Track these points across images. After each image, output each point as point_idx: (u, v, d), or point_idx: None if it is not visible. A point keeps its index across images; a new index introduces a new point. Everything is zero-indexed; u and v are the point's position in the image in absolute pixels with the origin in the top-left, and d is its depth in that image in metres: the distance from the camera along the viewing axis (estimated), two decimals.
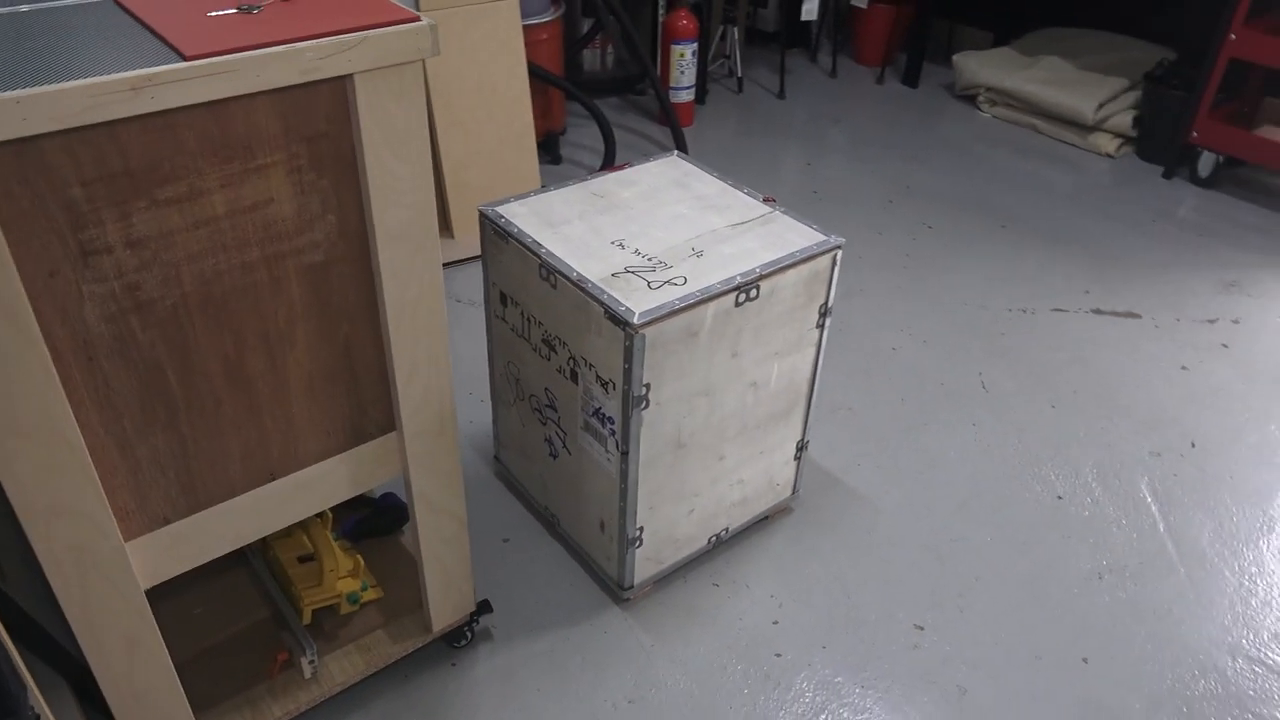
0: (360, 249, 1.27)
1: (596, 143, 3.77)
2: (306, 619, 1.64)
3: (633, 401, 1.60)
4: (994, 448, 2.33)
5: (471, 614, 1.76)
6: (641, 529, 1.80)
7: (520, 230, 1.74)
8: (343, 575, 1.68)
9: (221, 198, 1.12)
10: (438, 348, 1.40)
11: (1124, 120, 3.71)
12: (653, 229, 1.77)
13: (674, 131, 3.62)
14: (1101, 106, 3.72)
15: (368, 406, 1.40)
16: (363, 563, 1.74)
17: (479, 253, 2.86)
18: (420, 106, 1.20)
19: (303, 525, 1.73)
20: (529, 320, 1.79)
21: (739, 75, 4.32)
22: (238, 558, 1.81)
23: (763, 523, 2.09)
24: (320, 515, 1.75)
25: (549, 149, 3.58)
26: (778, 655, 1.82)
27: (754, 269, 1.65)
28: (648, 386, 1.60)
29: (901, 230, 3.26)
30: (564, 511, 1.97)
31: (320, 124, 1.15)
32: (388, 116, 1.18)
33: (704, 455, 1.80)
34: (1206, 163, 3.49)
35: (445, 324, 1.39)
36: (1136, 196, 3.52)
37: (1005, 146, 3.89)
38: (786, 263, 1.68)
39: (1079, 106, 3.75)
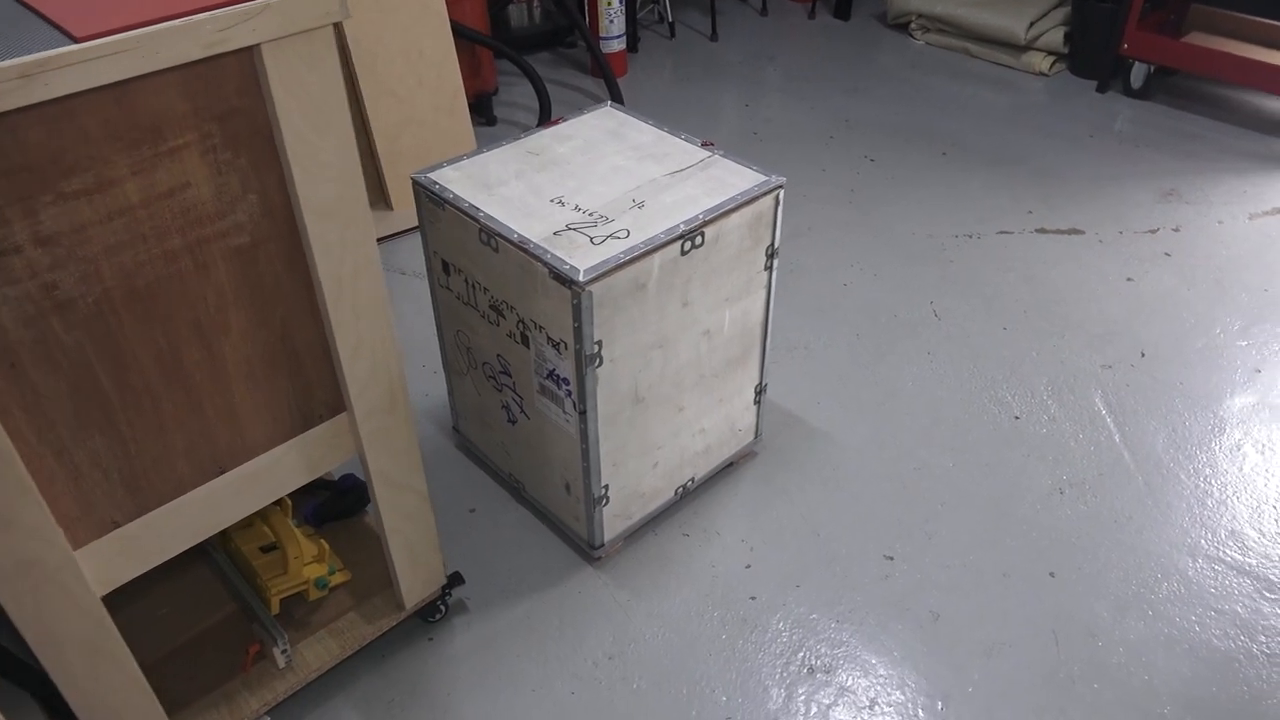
0: (288, 228, 1.22)
1: (531, 100, 3.69)
2: (275, 608, 1.62)
3: (586, 360, 1.58)
4: (950, 374, 2.35)
5: (443, 587, 1.75)
6: (607, 487, 1.79)
7: (456, 195, 1.70)
8: (308, 561, 1.66)
9: (134, 185, 1.07)
10: (381, 323, 1.36)
11: (1055, 37, 3.71)
12: (592, 183, 1.73)
13: (608, 82, 3.55)
14: (1032, 25, 3.71)
15: (314, 389, 1.36)
16: (328, 547, 1.71)
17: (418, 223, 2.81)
18: (336, 74, 1.15)
19: (262, 515, 1.70)
20: (474, 287, 1.76)
21: (670, 20, 4.25)
22: (199, 554, 1.78)
23: (729, 469, 2.09)
24: (279, 503, 1.72)
25: (482, 111, 3.50)
26: (753, 598, 1.83)
27: (697, 216, 1.63)
28: (599, 344, 1.58)
29: (844, 165, 3.25)
30: (528, 476, 1.95)
31: (232, 100, 1.10)
32: (302, 87, 1.13)
33: (663, 408, 1.79)
34: (1138, 74, 3.51)
35: (386, 298, 1.35)
36: (1073, 113, 3.53)
37: (941, 73, 3.88)
38: (729, 206, 1.66)
39: (1010, 26, 3.74)
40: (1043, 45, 3.75)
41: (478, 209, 1.66)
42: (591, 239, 1.58)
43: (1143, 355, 2.40)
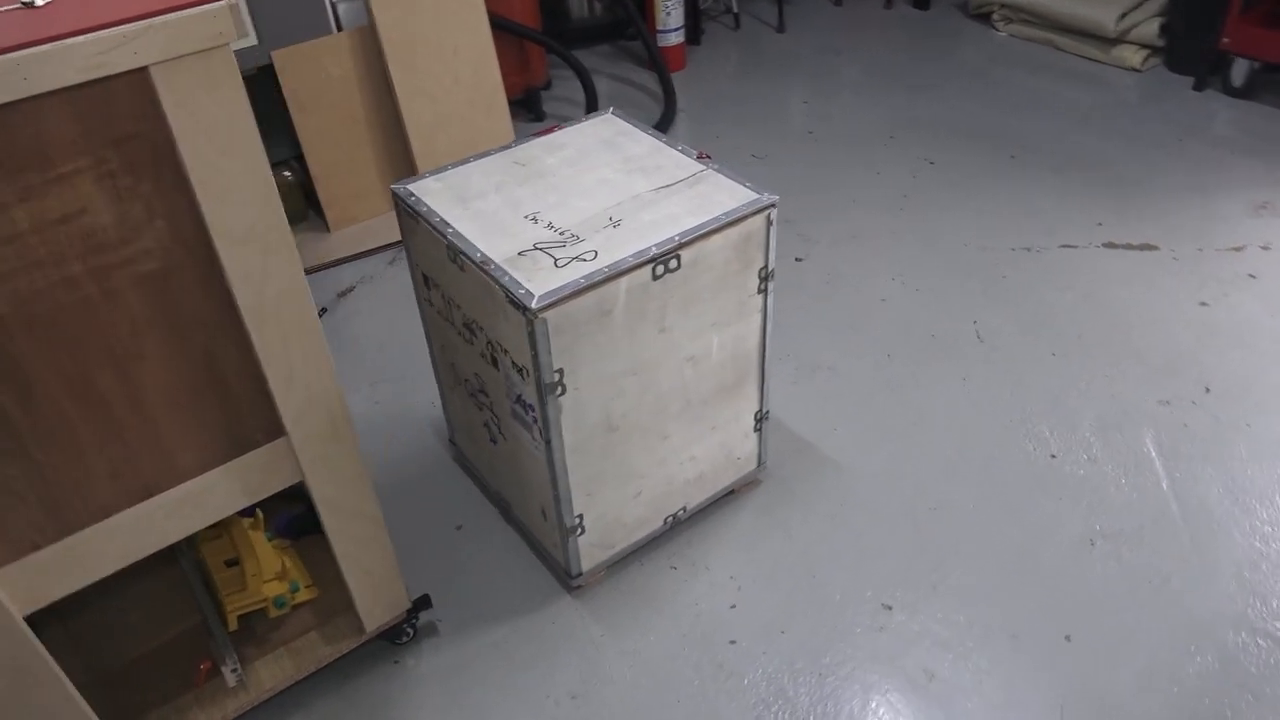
0: (203, 254, 1.18)
1: (582, 96, 3.61)
2: (232, 625, 1.60)
3: (545, 389, 1.49)
4: (985, 403, 2.17)
5: (409, 611, 1.70)
6: (581, 517, 1.70)
7: (429, 209, 1.63)
8: (268, 579, 1.63)
9: (23, 212, 1.04)
10: (315, 350, 1.31)
11: (1149, 29, 3.40)
12: (573, 198, 1.64)
13: (660, 77, 3.44)
14: (1124, 16, 3.42)
15: (247, 415, 1.32)
16: (294, 563, 1.69)
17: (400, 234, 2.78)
18: (239, 94, 1.09)
19: (226, 526, 1.68)
20: (450, 303, 1.70)
21: (735, 11, 4.09)
22: (170, 559, 1.78)
23: (728, 497, 1.98)
24: (251, 514, 1.70)
25: (530, 106, 3.44)
26: (733, 642, 1.72)
27: (672, 237, 1.52)
28: (560, 372, 1.49)
29: (901, 168, 3.06)
30: (513, 497, 1.89)
31: (127, 124, 1.05)
32: (201, 110, 1.07)
33: (643, 436, 1.69)
34: (1240, 71, 3.19)
35: (316, 323, 1.30)
36: (1163, 113, 3.23)
37: (1021, 67, 3.61)
38: (710, 227, 1.54)
39: (1099, 17, 3.45)
40: (1135, 38, 3.45)
41: (448, 225, 1.59)
42: (556, 261, 1.49)
43: (1207, 391, 2.16)
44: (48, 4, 1.04)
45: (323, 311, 2.59)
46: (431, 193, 1.68)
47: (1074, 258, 2.61)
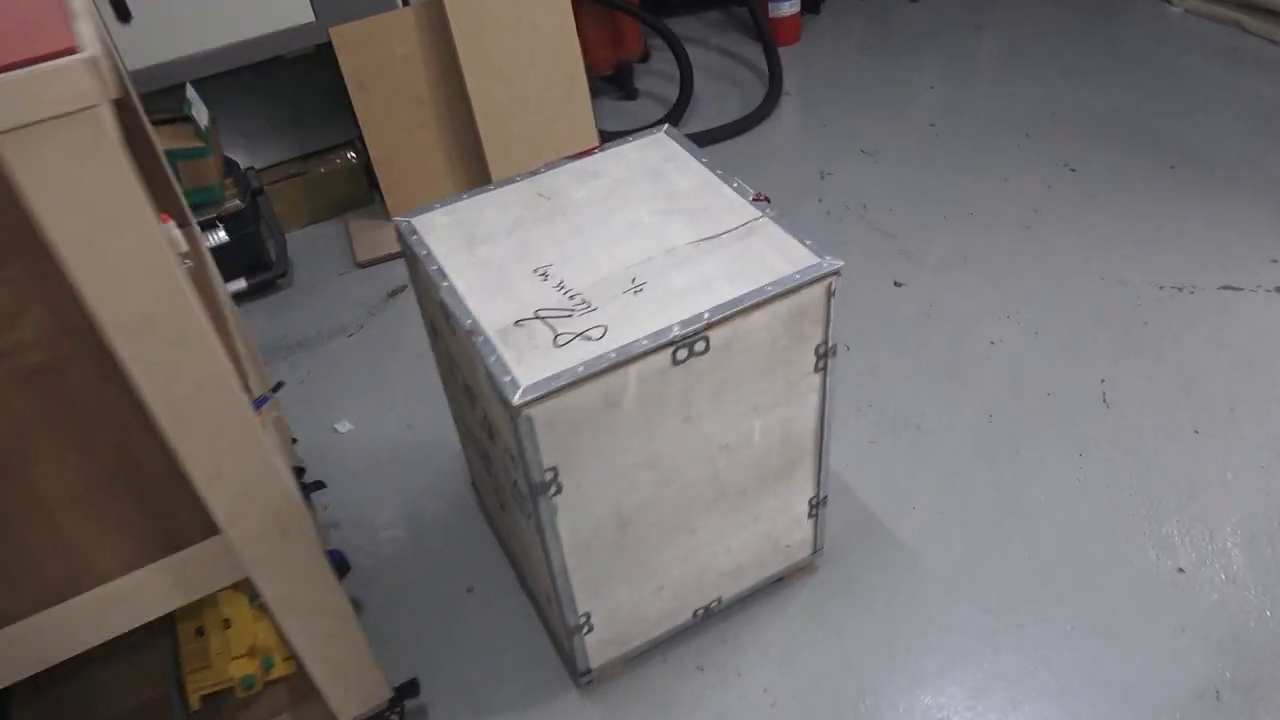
0: (98, 344, 0.98)
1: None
2: (194, 705, 1.45)
3: (536, 488, 1.25)
4: (1101, 489, 1.81)
5: (391, 700, 1.52)
6: (588, 615, 1.47)
7: (429, 253, 1.40)
8: (238, 655, 1.47)
9: None
10: (245, 442, 1.10)
11: None
12: (595, 247, 1.37)
13: (767, 53, 3.08)
14: None
15: (174, 512, 1.14)
16: (273, 634, 1.52)
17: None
18: (119, 165, 0.87)
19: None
20: (452, 360, 1.47)
21: None
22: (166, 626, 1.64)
23: (778, 584, 1.70)
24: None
25: (621, 83, 3.15)
26: None
27: (701, 315, 1.23)
28: (554, 470, 1.24)
29: (1034, 174, 2.63)
30: (525, 566, 1.67)
31: None
32: (69, 182, 0.86)
33: (664, 531, 1.44)
34: None
35: (246, 414, 1.09)
36: None
37: (1197, 52, 3.07)
38: (751, 302, 1.25)
39: None
40: None
41: (444, 277, 1.35)
42: (557, 336, 1.23)
43: None
44: None
45: (359, 327, 2.42)
46: (436, 230, 1.44)
47: (1236, 303, 2.17)
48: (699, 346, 1.24)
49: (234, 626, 1.48)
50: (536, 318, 1.27)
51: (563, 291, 1.30)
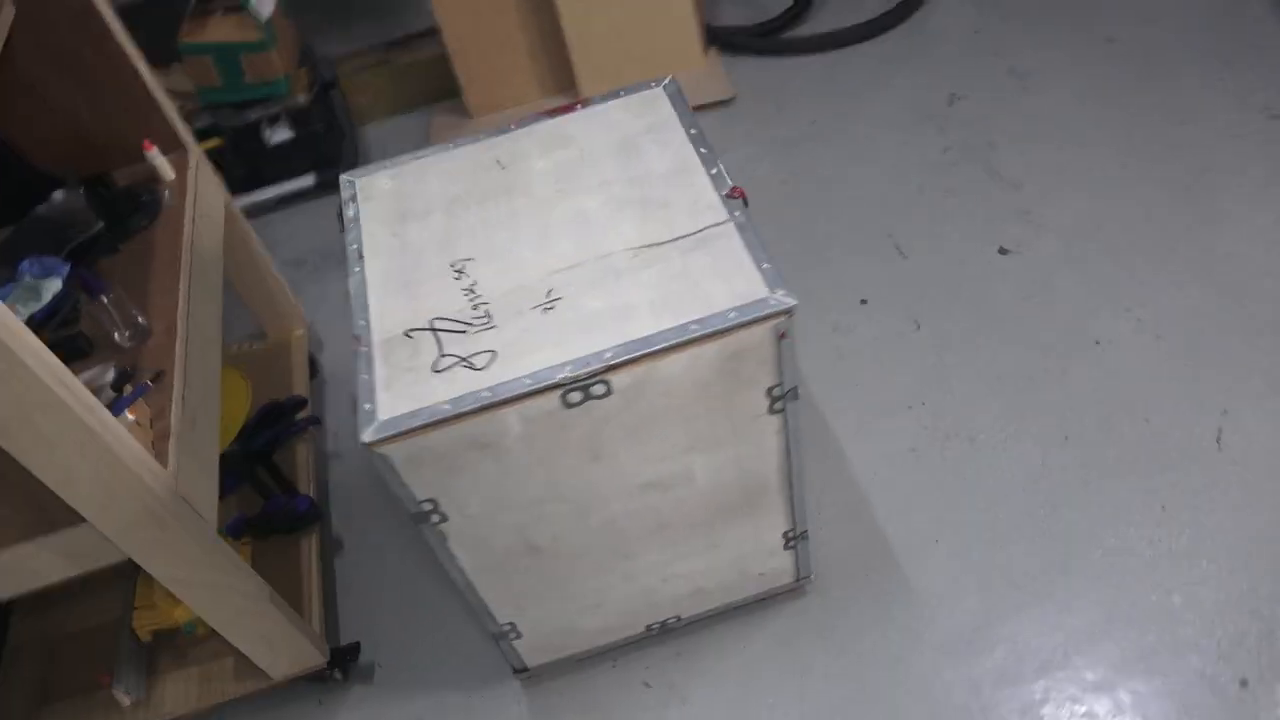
0: None
1: None
2: (144, 638, 1.50)
3: (416, 516, 1.14)
4: (1180, 559, 1.47)
5: (330, 661, 1.51)
6: (512, 624, 1.37)
7: (358, 226, 1.26)
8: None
9: None
10: (93, 446, 1.05)
11: None
12: (525, 241, 1.18)
13: None
14: None
15: (42, 503, 1.11)
16: None
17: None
18: None
19: None
20: None
21: None
22: None
23: (759, 604, 1.53)
24: None
25: None
26: None
27: (601, 353, 1.04)
28: (433, 501, 1.12)
29: (1222, 121, 2.10)
30: None
31: None
32: None
33: (591, 558, 1.29)
34: None
35: (97, 417, 1.03)
36: None
37: None
38: (666, 343, 1.04)
39: None
40: None
41: (360, 258, 1.21)
42: (440, 358, 1.08)
43: None
44: None
45: None
46: (374, 197, 1.29)
47: None
48: (597, 390, 1.05)
49: None
50: (430, 328, 1.11)
51: (470, 297, 1.13)
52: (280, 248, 2.26)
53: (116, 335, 1.32)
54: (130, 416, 1.13)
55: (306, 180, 2.42)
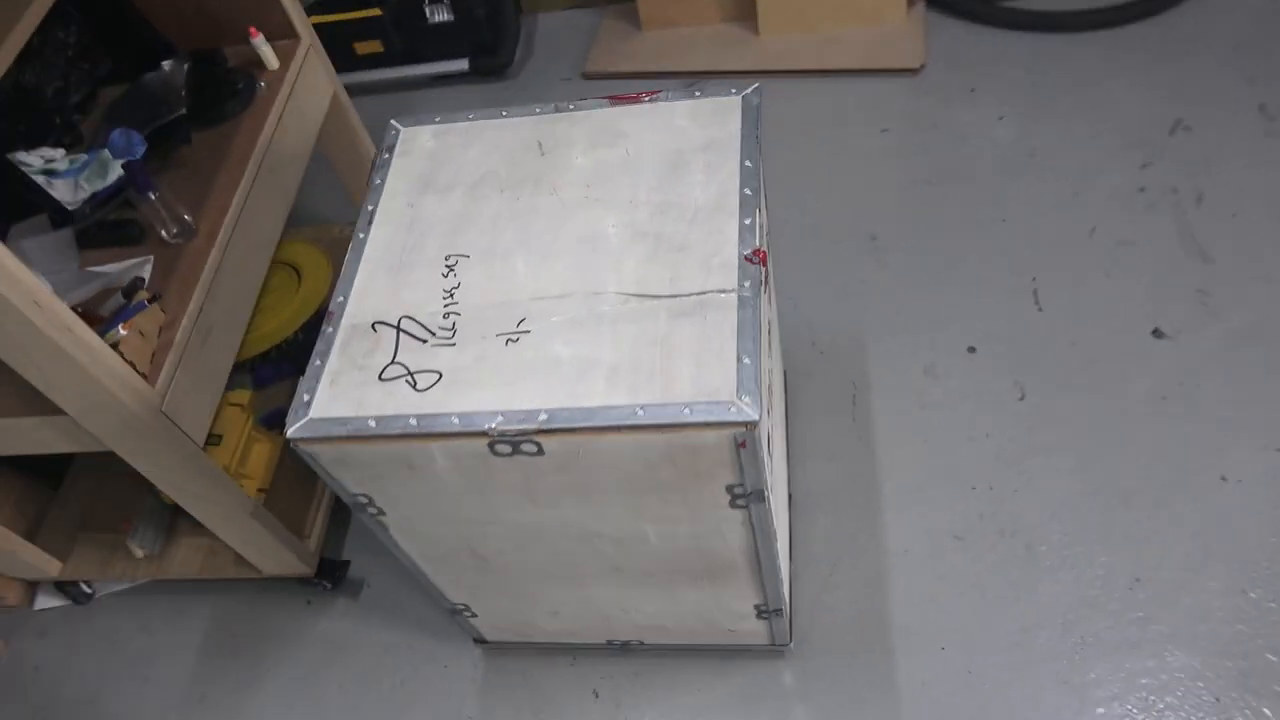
0: None
1: None
2: (168, 501, 1.61)
3: (354, 506, 1.12)
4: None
5: (316, 573, 1.57)
6: (467, 605, 1.37)
7: (382, 185, 1.20)
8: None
9: None
10: (63, 362, 1.09)
11: None
12: (525, 252, 1.09)
13: None
14: None
15: (30, 395, 1.17)
16: (265, 458, 1.59)
17: (794, 65, 2.20)
18: None
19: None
20: None
21: None
22: None
23: (734, 650, 1.45)
24: (240, 404, 1.62)
25: None
26: None
27: (537, 412, 0.95)
28: (368, 497, 1.10)
29: None
30: None
31: None
32: None
33: (544, 577, 1.25)
34: None
35: (65, 337, 1.06)
36: None
37: None
38: (604, 422, 0.93)
39: None
40: None
41: (369, 224, 1.16)
42: (389, 365, 1.02)
43: None
44: None
45: None
46: (410, 154, 1.22)
47: None
48: (527, 447, 0.97)
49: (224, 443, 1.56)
50: (397, 327, 1.06)
51: (445, 303, 1.06)
52: None
53: (164, 232, 1.35)
54: (123, 331, 1.16)
55: (460, 63, 2.37)
